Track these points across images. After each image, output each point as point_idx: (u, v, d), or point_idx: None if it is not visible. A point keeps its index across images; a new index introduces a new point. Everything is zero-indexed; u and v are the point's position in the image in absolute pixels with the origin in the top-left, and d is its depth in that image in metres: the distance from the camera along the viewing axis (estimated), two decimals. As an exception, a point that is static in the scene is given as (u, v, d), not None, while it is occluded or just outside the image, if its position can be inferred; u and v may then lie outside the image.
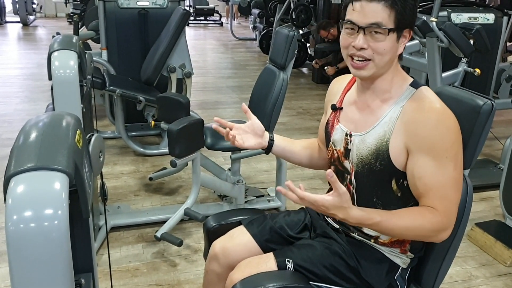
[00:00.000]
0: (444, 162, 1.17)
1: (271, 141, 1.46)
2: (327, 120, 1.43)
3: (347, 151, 1.33)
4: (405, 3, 1.18)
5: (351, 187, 1.35)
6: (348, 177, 1.35)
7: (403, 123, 1.21)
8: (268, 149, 1.47)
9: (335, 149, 1.38)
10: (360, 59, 1.21)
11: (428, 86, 1.31)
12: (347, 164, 1.35)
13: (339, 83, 1.45)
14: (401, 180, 1.26)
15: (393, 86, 1.26)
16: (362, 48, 1.19)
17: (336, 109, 1.38)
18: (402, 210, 1.23)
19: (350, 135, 1.32)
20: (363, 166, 1.29)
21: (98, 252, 2.38)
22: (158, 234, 2.41)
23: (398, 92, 1.26)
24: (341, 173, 1.37)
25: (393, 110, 1.24)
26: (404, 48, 1.25)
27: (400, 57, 1.27)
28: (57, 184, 0.86)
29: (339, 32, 1.39)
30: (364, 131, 1.29)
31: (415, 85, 1.26)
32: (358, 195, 1.34)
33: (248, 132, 1.42)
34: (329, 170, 1.11)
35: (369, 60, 1.20)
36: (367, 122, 1.29)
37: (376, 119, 1.27)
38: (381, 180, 1.28)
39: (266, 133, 1.46)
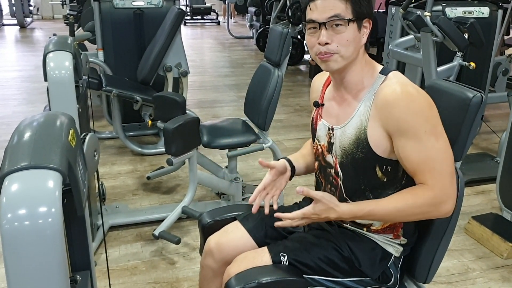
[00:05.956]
0: (423, 137, 1.20)
1: (292, 172, 1.48)
2: (312, 117, 1.48)
3: (330, 145, 1.38)
4: None
5: (338, 179, 1.39)
6: (332, 170, 1.40)
7: (377, 109, 1.24)
8: (291, 176, 1.49)
9: (319, 144, 1.43)
10: (326, 55, 1.25)
11: (424, 80, 1.33)
12: (329, 158, 1.39)
13: (318, 80, 1.50)
14: (384, 167, 1.29)
15: (364, 77, 1.30)
16: (326, 44, 1.23)
17: (318, 105, 1.43)
18: (393, 195, 1.27)
19: (332, 129, 1.37)
20: (347, 157, 1.33)
21: (97, 251, 2.39)
22: (156, 233, 2.43)
23: (369, 82, 1.29)
24: (324, 168, 1.43)
25: (366, 99, 1.28)
26: (367, 39, 1.29)
27: (366, 47, 1.31)
28: (50, 182, 0.87)
29: None
30: (343, 123, 1.33)
31: (384, 72, 1.29)
32: (345, 185, 1.37)
33: (276, 179, 1.44)
34: (298, 188, 1.21)
35: (336, 53, 1.24)
36: (345, 114, 1.33)
37: (352, 110, 1.31)
38: (364, 168, 1.31)
39: (286, 162, 1.48)
